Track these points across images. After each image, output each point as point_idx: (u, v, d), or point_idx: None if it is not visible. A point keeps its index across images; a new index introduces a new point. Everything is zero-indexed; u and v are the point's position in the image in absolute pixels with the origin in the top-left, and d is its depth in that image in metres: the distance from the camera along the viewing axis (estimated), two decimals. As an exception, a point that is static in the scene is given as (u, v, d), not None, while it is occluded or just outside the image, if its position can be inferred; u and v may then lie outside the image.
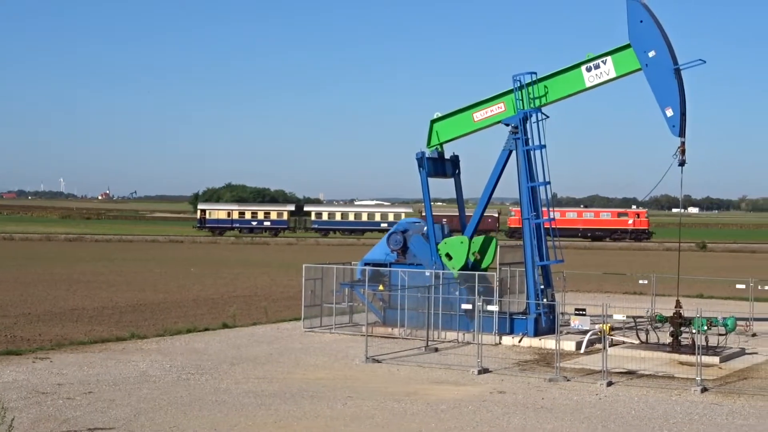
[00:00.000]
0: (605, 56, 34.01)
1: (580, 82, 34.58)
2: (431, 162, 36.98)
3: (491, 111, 35.98)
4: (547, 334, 33.47)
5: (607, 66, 34.01)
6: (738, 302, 43.30)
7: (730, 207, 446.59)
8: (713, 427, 21.55)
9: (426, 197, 37.13)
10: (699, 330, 28.37)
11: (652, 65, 32.89)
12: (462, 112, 36.68)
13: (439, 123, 37.08)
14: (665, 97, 32.86)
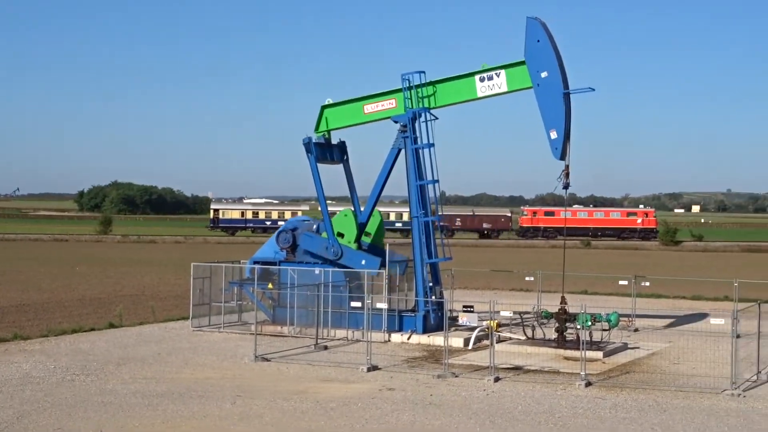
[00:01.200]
0: (499, 69, 34.28)
1: (472, 91, 34.85)
2: (318, 147, 36.96)
3: (382, 105, 36.11)
4: (435, 331, 33.75)
5: (500, 79, 34.29)
6: (621, 298, 44.29)
7: (613, 205, 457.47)
8: (597, 420, 22.00)
9: (317, 182, 37.02)
10: (583, 326, 28.92)
11: (543, 86, 33.16)
12: (353, 102, 36.74)
13: (329, 110, 37.09)
14: (552, 119, 33.17)
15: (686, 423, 21.76)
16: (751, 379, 26.68)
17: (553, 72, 33.02)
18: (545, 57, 33.12)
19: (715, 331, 31.63)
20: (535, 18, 33.38)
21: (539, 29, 33.25)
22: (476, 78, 34.64)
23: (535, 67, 33.25)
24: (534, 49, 33.27)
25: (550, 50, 33.09)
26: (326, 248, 35.92)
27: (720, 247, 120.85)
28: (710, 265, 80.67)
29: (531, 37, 33.33)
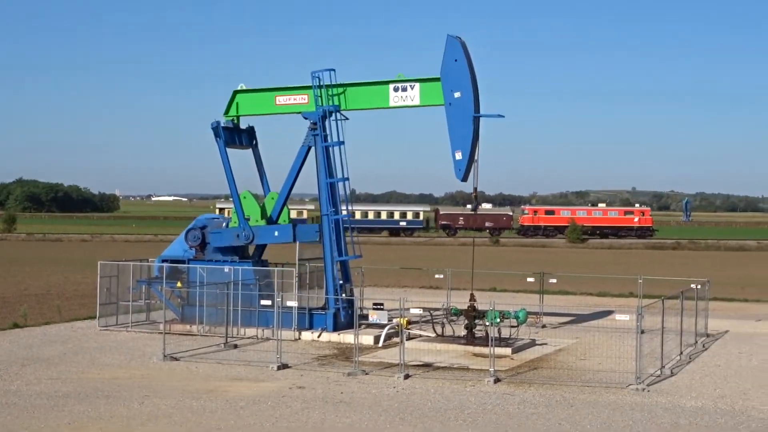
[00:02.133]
0: (415, 82, 34.38)
1: (385, 99, 34.92)
2: (227, 131, 36.71)
3: (294, 99, 35.99)
4: (346, 329, 33.77)
5: (414, 92, 34.38)
6: (529, 295, 44.80)
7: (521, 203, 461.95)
8: (506, 416, 22.24)
9: (226, 166, 36.67)
10: (492, 322, 29.20)
11: (455, 106, 33.27)
12: (266, 91, 36.55)
13: (241, 95, 36.85)
14: (459, 140, 33.33)
15: (592, 418, 22.13)
16: (655, 374, 27.24)
17: (467, 93, 33.16)
18: (460, 77, 33.24)
19: (621, 327, 32.18)
20: (456, 37, 33.46)
21: (458, 49, 33.33)
22: (390, 87, 34.71)
23: (449, 86, 33.35)
24: (451, 68, 33.36)
25: (466, 71, 33.20)
26: (237, 236, 35.79)
27: (625, 244, 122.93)
28: (616, 262, 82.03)
29: (449, 55, 33.41)
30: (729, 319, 40.80)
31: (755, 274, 71.05)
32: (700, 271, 63.88)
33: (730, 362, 30.40)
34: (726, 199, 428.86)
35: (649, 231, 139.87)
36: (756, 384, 26.60)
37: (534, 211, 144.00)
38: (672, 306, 29.54)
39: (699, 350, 32.61)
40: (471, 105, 33.14)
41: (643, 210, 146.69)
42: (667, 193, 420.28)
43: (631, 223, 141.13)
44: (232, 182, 36.65)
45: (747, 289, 56.12)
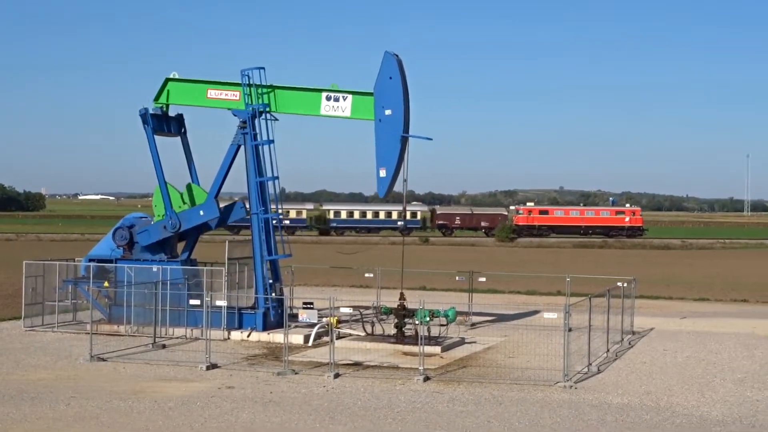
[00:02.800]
0: (347, 94, 34.32)
1: (316, 107, 34.78)
2: (155, 119, 36.29)
3: (225, 95, 35.72)
4: (275, 328, 33.66)
5: (346, 103, 34.30)
6: (458, 293, 45.02)
7: (451, 202, 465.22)
8: (435, 414, 22.35)
9: (153, 154, 36.19)
10: (422, 321, 29.31)
11: (385, 123, 33.22)
12: (199, 83, 36.19)
13: (173, 84, 36.45)
14: (385, 157, 33.35)
15: (521, 415, 22.33)
16: (582, 371, 27.56)
17: (397, 112, 33.13)
18: (393, 95, 33.19)
19: (548, 325, 32.52)
20: (393, 55, 33.37)
21: (394, 66, 33.26)
22: (323, 95, 34.60)
23: (381, 102, 33.28)
24: (385, 84, 33.27)
25: (400, 90, 33.15)
26: (164, 227, 35.47)
27: (553, 243, 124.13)
28: (544, 261, 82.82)
29: (385, 72, 33.33)
30: (654, 317, 41.43)
31: (680, 273, 72.23)
32: (627, 269, 64.75)
33: (656, 359, 30.87)
34: (651, 198, 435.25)
35: (639, 230, 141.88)
36: (680, 381, 27.05)
37: (528, 211, 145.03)
38: (599, 304, 29.91)
39: (625, 347, 33.06)
40: (400, 124, 33.12)
41: (633, 210, 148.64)
42: (594, 192, 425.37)
43: (622, 223, 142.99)
44: (160, 171, 36.11)
45: (672, 287, 57.05)
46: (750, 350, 32.99)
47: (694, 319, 41.89)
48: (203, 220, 35.61)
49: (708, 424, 21.81)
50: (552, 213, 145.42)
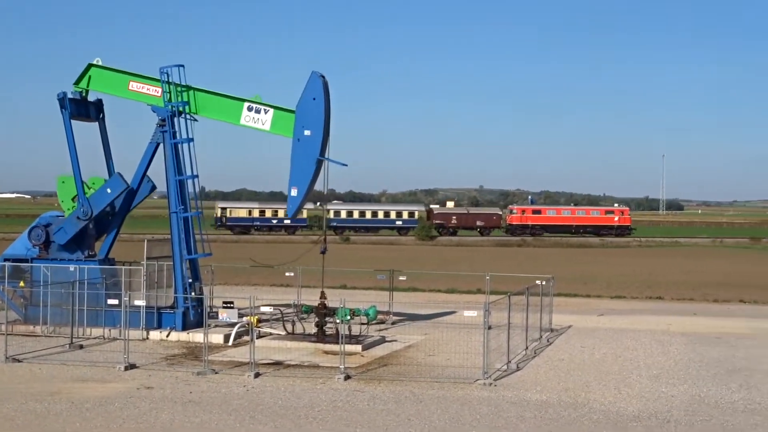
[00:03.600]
0: (270, 107, 34.00)
1: (236, 116, 34.39)
2: (74, 103, 35.64)
3: (147, 89, 35.22)
4: (195, 328, 33.40)
5: (267, 117, 33.98)
6: (379, 292, 45.11)
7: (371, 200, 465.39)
8: (356, 413, 22.37)
9: (69, 139, 35.52)
10: (342, 320, 29.32)
11: (303, 143, 32.99)
12: (121, 73, 35.62)
13: (96, 70, 35.81)
14: (298, 177, 33.21)
15: (441, 412, 22.45)
16: (501, 369, 27.81)
17: (316, 134, 32.94)
18: (314, 117, 32.97)
19: (468, 323, 32.70)
20: (320, 76, 33.16)
21: (319, 88, 33.04)
22: (245, 105, 34.27)
23: (302, 122, 33.05)
24: (307, 104, 33.03)
25: (321, 112, 32.94)
26: (78, 218, 34.89)
27: (473, 241, 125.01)
28: (464, 260, 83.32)
29: (309, 92, 33.10)
30: (572, 314, 41.97)
31: (597, 271, 73.26)
32: (545, 267, 65.43)
33: (573, 356, 31.27)
34: (570, 197, 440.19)
35: (627, 229, 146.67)
36: (598, 377, 27.44)
37: (522, 210, 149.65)
38: (518, 302, 30.20)
39: (544, 345, 33.44)
40: (318, 146, 32.95)
41: (622, 210, 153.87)
42: (513, 192, 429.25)
43: (611, 222, 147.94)
44: (74, 155, 35.37)
45: (589, 284, 57.85)
46: (665, 347, 33.59)
47: (611, 316, 42.55)
48: (112, 197, 34.98)
49: (624, 420, 22.17)
50: (544, 213, 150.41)
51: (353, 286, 51.27)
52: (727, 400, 24.50)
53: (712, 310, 46.18)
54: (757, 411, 23.34)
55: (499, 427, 21.27)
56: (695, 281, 63.36)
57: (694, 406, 23.73)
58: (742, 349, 33.21)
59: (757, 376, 27.99)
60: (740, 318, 42.77)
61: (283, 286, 49.81)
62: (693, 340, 35.38)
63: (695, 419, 22.36)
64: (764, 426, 21.81)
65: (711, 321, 41.31)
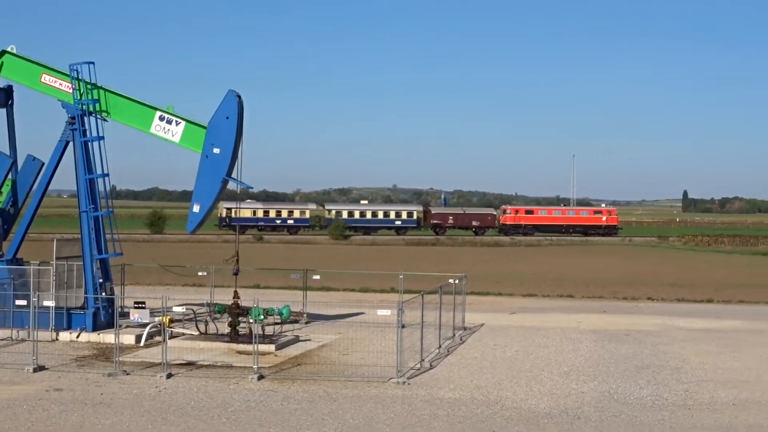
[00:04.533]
0: (182, 120, 33.55)
1: (147, 123, 33.87)
2: None
3: (59, 84, 34.53)
4: (106, 329, 32.96)
5: (177, 129, 33.51)
6: (293, 291, 45.00)
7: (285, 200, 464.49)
8: (270, 413, 22.31)
9: None
10: (256, 319, 29.22)
11: (211, 160, 32.66)
12: (34, 64, 34.90)
13: (9, 57, 34.99)
14: (202, 194, 32.97)
15: (355, 412, 22.50)
16: (415, 367, 27.95)
17: (226, 153, 32.60)
18: (226, 136, 32.62)
19: (382, 322, 32.85)
20: (236, 95, 32.77)
21: (233, 107, 32.67)
22: (157, 114, 33.80)
23: (212, 139, 32.70)
24: (220, 122, 32.67)
25: (233, 132, 32.59)
26: None
27: (387, 240, 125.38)
28: (377, 259, 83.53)
29: (223, 110, 32.73)
30: (485, 313, 42.34)
31: (509, 269, 74.02)
32: (458, 266, 65.88)
33: (486, 354, 31.57)
34: (482, 196, 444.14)
35: (614, 229, 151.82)
36: (509, 375, 27.75)
37: (515, 210, 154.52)
38: (431, 300, 30.40)
39: (457, 343, 33.69)
40: (226, 166, 32.64)
41: (609, 210, 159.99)
42: (427, 191, 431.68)
43: (599, 222, 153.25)
44: None
45: (501, 283, 58.37)
46: (575, 344, 34.09)
47: (523, 314, 43.04)
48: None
49: (536, 417, 22.45)
50: (537, 213, 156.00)
51: (267, 285, 51.01)
52: (635, 396, 24.98)
53: (621, 308, 47.00)
54: (664, 406, 23.84)
55: (413, 425, 21.39)
56: (605, 279, 64.42)
57: (604, 403, 24.14)
58: (650, 346, 33.86)
59: (664, 373, 28.58)
60: (648, 315, 43.59)
61: (196, 286, 49.41)
62: (602, 337, 35.97)
63: (605, 415, 22.75)
64: (671, 421, 22.29)
65: (620, 318, 42.05)
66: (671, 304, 49.45)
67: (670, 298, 51.86)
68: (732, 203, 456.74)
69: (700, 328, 39.01)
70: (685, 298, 51.87)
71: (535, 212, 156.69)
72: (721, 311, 46.13)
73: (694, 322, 41.12)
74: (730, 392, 25.74)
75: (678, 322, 41.04)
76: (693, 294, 53.87)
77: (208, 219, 33.99)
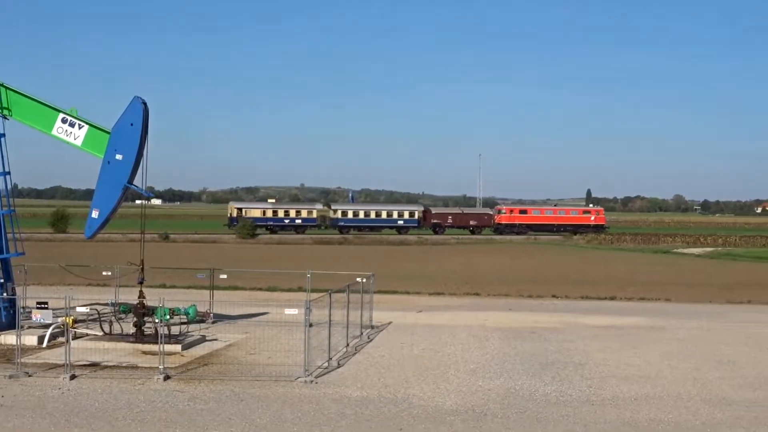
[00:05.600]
0: (85, 123, 32.91)
1: (49, 125, 33.12)
2: None
3: None
4: (7, 330, 32.28)
5: (80, 132, 32.84)
6: (199, 291, 44.67)
7: (191, 199, 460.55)
8: (176, 413, 22.10)
9: None
10: (162, 319, 28.92)
11: (113, 166, 32.17)
12: None
13: None
14: (101, 200, 32.54)
15: (262, 411, 22.42)
16: (322, 366, 27.95)
17: (128, 160, 32.13)
18: (129, 143, 32.14)
19: (290, 321, 32.73)
20: (142, 102, 32.34)
21: (139, 114, 32.21)
22: (60, 116, 33.08)
23: (115, 145, 32.20)
24: (124, 129, 32.17)
25: (137, 139, 32.15)
26: None
27: (294, 239, 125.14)
28: (285, 258, 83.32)
29: (128, 116, 32.23)
30: (392, 311, 42.51)
31: (416, 268, 74.44)
32: (366, 265, 66.05)
33: (393, 352, 31.70)
34: (390, 195, 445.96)
35: (602, 228, 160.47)
36: (417, 373, 27.90)
37: (510, 210, 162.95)
38: (339, 299, 30.42)
39: (365, 342, 33.78)
40: (128, 172, 32.19)
41: (598, 210, 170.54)
42: (334, 190, 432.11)
43: (588, 221, 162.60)
44: None
45: (409, 281, 58.70)
46: (481, 342, 34.42)
47: (430, 312, 43.32)
48: None
49: (443, 414, 22.62)
50: (530, 212, 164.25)
51: (173, 285, 50.54)
52: (540, 393, 25.32)
53: (527, 305, 47.61)
54: (568, 402, 24.21)
55: (320, 424, 21.39)
56: (510, 277, 65.22)
57: (510, 399, 24.43)
58: (555, 343, 34.36)
59: (568, 369, 29.02)
60: (553, 313, 44.24)
61: (100, 286, 48.67)
62: (508, 334, 36.39)
63: (510, 412, 23.02)
64: (575, 417, 22.65)
65: (525, 316, 42.59)
66: (575, 302, 50.26)
67: (574, 296, 52.71)
68: (634, 202, 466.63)
69: (604, 325, 39.71)
70: (588, 296, 52.79)
71: (528, 212, 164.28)
72: (624, 308, 47.05)
73: (597, 319, 41.85)
74: (632, 387, 26.26)
75: (582, 319, 41.72)
76: (596, 291, 54.88)
77: (107, 224, 33.39)
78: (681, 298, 52.38)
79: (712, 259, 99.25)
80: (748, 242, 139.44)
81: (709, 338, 36.42)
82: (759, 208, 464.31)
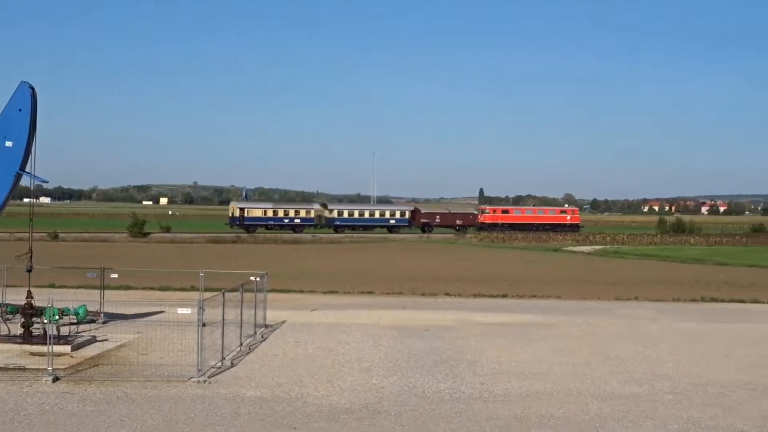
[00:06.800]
0: None
1: None
2: None
3: None
4: None
5: None
6: (90, 290, 43.90)
7: (81, 197, 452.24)
8: (65, 415, 21.71)
9: None
10: (51, 320, 28.37)
11: (2, 154, 31.50)
12: None
13: None
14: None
15: (154, 412, 22.16)
16: (215, 366, 27.75)
17: (19, 147, 31.49)
18: (19, 129, 31.46)
19: (183, 321, 32.44)
20: (29, 87, 31.61)
21: (27, 99, 31.52)
22: None
23: (4, 132, 31.47)
24: (12, 115, 31.45)
25: (27, 125, 31.49)
26: None
27: (187, 238, 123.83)
28: (178, 257, 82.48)
29: (15, 102, 31.51)
30: (286, 310, 42.39)
31: (310, 266, 74.37)
32: (260, 263, 65.80)
33: (287, 351, 31.62)
34: (284, 194, 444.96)
35: (577, 227, 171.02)
36: (311, 371, 27.89)
37: (493, 210, 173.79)
38: (232, 298, 30.23)
39: (258, 341, 33.62)
40: (20, 159, 31.58)
41: (573, 210, 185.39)
42: (228, 188, 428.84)
43: (564, 221, 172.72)
44: None
45: (303, 280, 58.59)
46: (376, 340, 34.56)
47: (325, 311, 43.32)
48: None
49: (337, 412, 22.66)
50: (512, 212, 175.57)
51: (62, 284, 49.56)
52: (434, 390, 25.54)
53: (420, 303, 47.92)
54: (461, 399, 24.47)
55: (214, 424, 21.24)
56: (404, 275, 65.57)
57: (404, 397, 24.58)
58: (448, 341, 34.67)
59: (461, 366, 29.32)
60: (446, 310, 44.61)
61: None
62: (402, 333, 36.60)
63: (404, 409, 23.17)
64: (467, 413, 22.90)
65: (419, 314, 42.86)
66: (468, 300, 50.77)
67: (467, 294, 53.23)
68: (525, 201, 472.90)
69: (496, 323, 40.21)
70: (481, 294, 53.37)
71: (510, 212, 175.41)
72: (515, 306, 47.70)
73: (490, 316, 42.35)
74: (523, 384, 26.66)
75: (475, 316, 42.17)
76: (489, 289, 55.52)
77: (2, 213, 32.65)
78: (571, 295, 53.33)
79: (600, 257, 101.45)
80: (635, 240, 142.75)
81: (597, 334, 37.19)
82: (646, 207, 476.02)
